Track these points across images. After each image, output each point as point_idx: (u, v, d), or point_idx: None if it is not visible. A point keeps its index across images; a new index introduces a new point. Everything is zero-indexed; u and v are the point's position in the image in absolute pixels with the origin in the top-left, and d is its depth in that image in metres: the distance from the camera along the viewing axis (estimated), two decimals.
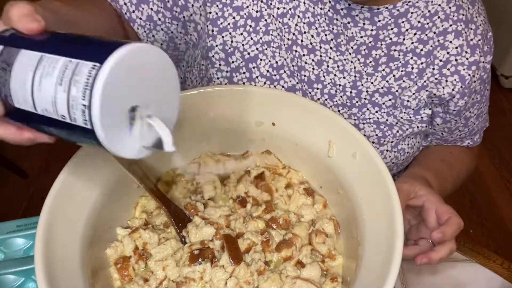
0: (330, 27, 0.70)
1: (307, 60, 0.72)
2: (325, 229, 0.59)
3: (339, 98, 0.73)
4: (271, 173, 0.66)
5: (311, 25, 0.70)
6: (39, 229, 0.48)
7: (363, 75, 0.72)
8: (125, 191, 0.61)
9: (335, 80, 0.72)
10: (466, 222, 0.60)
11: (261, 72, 0.71)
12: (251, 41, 0.70)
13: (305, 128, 0.62)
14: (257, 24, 0.70)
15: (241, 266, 0.53)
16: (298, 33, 0.71)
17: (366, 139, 0.56)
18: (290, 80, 0.72)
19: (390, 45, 0.70)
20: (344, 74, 0.72)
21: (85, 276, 0.50)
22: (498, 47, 0.74)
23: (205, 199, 0.62)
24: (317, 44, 0.71)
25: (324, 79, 0.72)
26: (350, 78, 0.72)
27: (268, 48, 0.71)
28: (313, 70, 0.72)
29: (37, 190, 1.95)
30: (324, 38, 0.71)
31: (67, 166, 0.54)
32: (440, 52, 0.70)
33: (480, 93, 0.74)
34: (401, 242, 0.46)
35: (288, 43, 0.71)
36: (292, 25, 0.70)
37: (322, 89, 0.73)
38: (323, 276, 0.55)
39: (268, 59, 0.71)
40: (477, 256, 0.73)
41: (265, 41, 0.71)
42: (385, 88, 0.72)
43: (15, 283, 0.66)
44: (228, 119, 0.65)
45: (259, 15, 0.70)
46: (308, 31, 0.70)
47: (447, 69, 0.70)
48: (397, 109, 0.73)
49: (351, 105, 0.73)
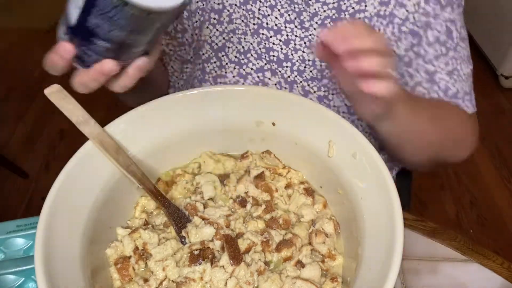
0: (292, 6, 0.74)
1: (275, 40, 0.75)
2: (325, 229, 0.59)
3: (309, 73, 0.75)
4: (271, 173, 0.66)
5: (273, 8, 0.74)
6: (39, 229, 0.48)
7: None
8: (125, 191, 0.61)
9: (303, 57, 0.75)
10: (466, 222, 0.60)
11: (230, 59, 0.76)
12: (217, 32, 0.76)
13: (305, 128, 0.62)
14: (220, 16, 0.75)
15: (241, 266, 0.53)
16: (263, 16, 0.75)
17: (366, 139, 0.56)
18: (257, 62, 0.76)
19: (354, 13, 0.72)
20: (312, 49, 0.75)
21: (85, 276, 0.50)
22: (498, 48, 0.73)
23: (205, 199, 0.62)
24: (282, 24, 0.75)
25: (292, 57, 0.75)
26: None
27: (234, 36, 0.76)
28: (281, 49, 0.76)
29: (37, 190, 1.95)
30: (288, 18, 0.74)
31: (67, 166, 0.55)
32: (399, 10, 0.70)
33: (445, 45, 0.71)
34: (401, 242, 0.46)
35: (254, 27, 0.75)
36: (256, 10, 0.75)
37: (291, 66, 0.76)
38: (323, 276, 0.55)
39: (235, 46, 0.76)
40: (477, 256, 0.73)
41: (230, 30, 0.76)
42: None
43: (15, 283, 0.66)
44: (228, 119, 0.65)
45: (221, 7, 0.75)
46: (272, 13, 0.75)
47: (405, 27, 0.71)
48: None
49: (322, 76, 0.75)
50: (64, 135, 2.15)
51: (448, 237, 0.75)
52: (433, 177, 1.95)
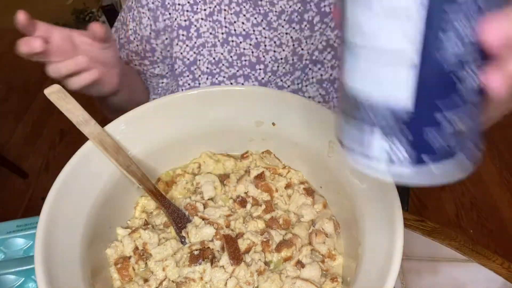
0: (257, 9, 0.75)
1: (245, 46, 0.77)
2: (325, 229, 0.59)
3: (282, 69, 0.77)
4: (271, 173, 0.66)
5: (239, 14, 0.76)
6: (39, 229, 0.48)
7: (302, 40, 0.76)
8: (125, 191, 0.61)
9: (275, 56, 0.76)
10: (466, 222, 0.59)
11: (202, 71, 0.78)
12: (187, 48, 0.78)
13: (305, 128, 0.62)
14: (188, 32, 0.77)
15: (241, 267, 0.53)
16: (229, 24, 0.76)
17: None
18: (229, 70, 0.77)
19: (319, 3, 0.74)
20: (282, 47, 0.76)
21: (85, 276, 0.50)
22: None
23: (205, 199, 0.62)
24: (250, 28, 0.76)
25: (264, 58, 0.77)
26: (289, 49, 0.76)
27: (204, 49, 0.77)
28: (252, 53, 0.77)
29: (37, 190, 1.96)
30: (255, 21, 0.76)
31: (67, 166, 0.55)
32: None
33: None
34: (401, 242, 0.46)
35: (223, 36, 0.77)
36: (222, 19, 0.76)
37: (264, 68, 0.77)
38: (323, 276, 0.55)
39: (206, 58, 0.78)
40: (477, 256, 0.73)
41: (200, 44, 0.78)
42: (323, 42, 0.75)
43: (15, 283, 0.66)
44: (228, 119, 0.65)
45: (188, 23, 0.77)
46: (238, 20, 0.76)
47: None
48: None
49: (294, 70, 0.76)
50: (64, 135, 2.15)
51: (448, 237, 0.75)
52: None
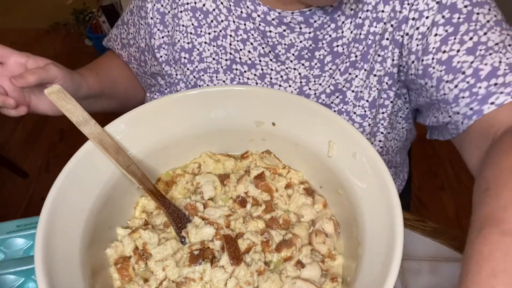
0: (265, 39, 0.71)
1: (249, 75, 0.73)
2: (325, 229, 0.59)
3: None
4: (271, 173, 0.66)
5: (245, 42, 0.72)
6: (39, 229, 0.48)
7: (310, 78, 0.72)
8: (125, 191, 0.61)
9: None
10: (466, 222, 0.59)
11: None
12: (188, 71, 0.76)
13: (305, 128, 0.62)
14: (190, 55, 0.75)
15: (241, 267, 0.53)
16: (235, 51, 0.73)
17: (366, 139, 0.56)
18: None
19: (331, 42, 0.69)
20: (289, 83, 0.72)
21: (85, 276, 0.50)
22: None
23: (205, 199, 0.62)
24: (256, 58, 0.72)
25: None
26: (295, 85, 0.72)
27: (205, 74, 0.75)
28: (256, 84, 0.74)
29: (37, 190, 1.96)
30: (262, 52, 0.72)
31: (67, 166, 0.55)
32: (377, 26, 0.65)
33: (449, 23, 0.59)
34: (401, 242, 0.46)
35: (227, 63, 0.74)
36: (227, 45, 0.73)
37: None
38: (323, 276, 0.55)
39: (206, 84, 0.75)
40: None
41: (201, 69, 0.75)
42: (331, 86, 0.71)
43: (15, 283, 0.66)
44: (228, 119, 0.65)
45: (191, 46, 0.75)
46: (244, 48, 0.72)
47: (385, 39, 0.66)
48: (349, 103, 0.70)
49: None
50: (64, 135, 2.15)
51: (448, 237, 0.75)
52: (433, 177, 1.95)
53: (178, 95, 0.63)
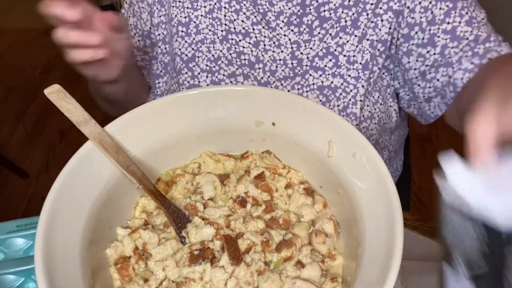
0: (256, 8, 0.75)
1: (244, 44, 0.77)
2: (325, 229, 0.59)
3: (281, 72, 0.76)
4: (271, 173, 0.66)
5: (239, 12, 0.76)
6: (39, 229, 0.48)
7: (301, 43, 0.75)
8: (125, 191, 0.61)
9: (274, 56, 0.76)
10: None
11: (201, 68, 0.77)
12: (185, 44, 0.78)
13: (305, 128, 0.62)
14: (187, 28, 0.78)
15: (241, 267, 0.53)
16: (229, 22, 0.76)
17: (366, 139, 0.56)
18: (229, 68, 0.77)
19: (318, 7, 0.73)
20: (281, 48, 0.75)
21: (85, 276, 0.50)
22: None
23: (205, 199, 0.62)
24: (249, 27, 0.76)
25: (263, 57, 0.76)
26: (287, 51, 0.75)
27: (202, 46, 0.77)
28: (251, 52, 0.77)
29: (37, 190, 1.96)
30: (254, 20, 0.76)
31: (67, 166, 0.55)
32: None
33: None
34: (401, 242, 0.46)
35: (222, 34, 0.77)
36: (222, 17, 0.76)
37: (263, 67, 0.76)
38: (323, 276, 0.55)
39: (205, 55, 0.77)
40: None
41: (198, 40, 0.78)
42: (323, 50, 0.74)
43: (15, 283, 0.66)
44: (228, 119, 0.65)
45: (188, 20, 0.77)
46: (238, 18, 0.76)
47: (379, 8, 0.70)
48: (342, 67, 0.73)
49: (294, 75, 0.75)
50: (64, 135, 2.15)
51: None
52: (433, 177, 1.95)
53: (178, 95, 0.63)
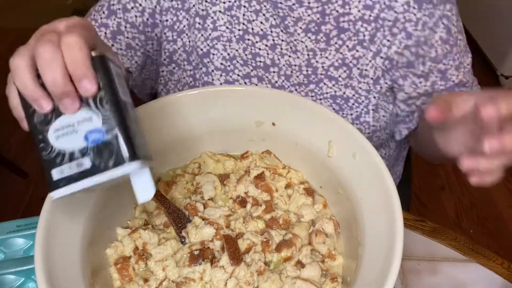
0: (276, 11, 0.73)
1: (261, 46, 0.75)
2: (325, 229, 0.59)
3: (296, 77, 0.75)
4: (271, 173, 0.66)
5: (258, 12, 0.74)
6: (39, 229, 0.48)
7: (317, 51, 0.74)
8: (125, 191, 0.61)
9: (290, 61, 0.75)
10: (466, 222, 0.59)
11: (215, 66, 0.75)
12: (202, 38, 0.75)
13: (305, 128, 0.62)
14: (204, 22, 0.75)
15: (241, 267, 0.53)
16: (248, 22, 0.74)
17: (366, 139, 0.56)
18: (244, 68, 0.75)
19: (338, 17, 0.72)
20: (297, 54, 0.74)
21: (85, 276, 0.50)
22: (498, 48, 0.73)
23: (205, 199, 0.62)
24: (268, 29, 0.74)
25: (279, 61, 0.75)
26: (303, 57, 0.75)
27: (218, 43, 0.75)
28: (267, 54, 0.75)
29: (37, 190, 1.96)
30: (274, 23, 0.74)
31: None
32: (388, 13, 0.70)
33: (448, 42, 0.73)
34: (401, 242, 0.46)
35: (239, 33, 0.75)
36: (240, 15, 0.74)
37: (278, 71, 0.75)
38: (323, 276, 0.55)
39: (220, 53, 0.75)
40: (477, 256, 0.73)
41: (214, 37, 0.75)
42: (339, 60, 0.74)
43: (15, 283, 0.66)
44: (228, 119, 0.65)
45: (205, 13, 0.75)
46: (257, 18, 0.74)
47: (396, 28, 0.71)
48: (354, 79, 0.74)
49: (308, 82, 0.75)
50: None
51: (448, 237, 0.75)
52: (433, 177, 1.95)
53: (178, 95, 0.63)
